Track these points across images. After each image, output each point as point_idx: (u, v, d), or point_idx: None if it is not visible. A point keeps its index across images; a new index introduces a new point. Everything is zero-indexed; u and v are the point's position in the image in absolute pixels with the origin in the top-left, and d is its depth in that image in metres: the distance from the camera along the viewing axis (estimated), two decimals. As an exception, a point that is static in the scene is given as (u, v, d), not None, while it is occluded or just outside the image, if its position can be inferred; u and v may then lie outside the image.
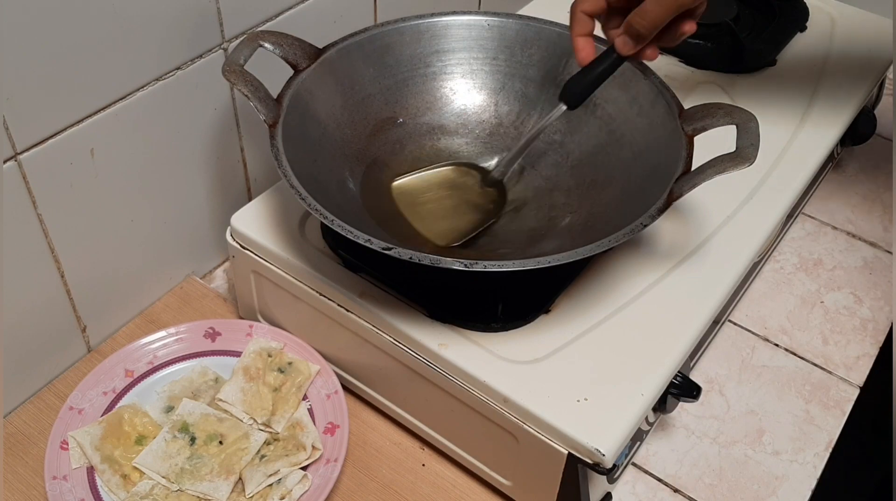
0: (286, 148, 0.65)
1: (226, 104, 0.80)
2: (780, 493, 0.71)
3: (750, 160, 0.62)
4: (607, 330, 0.66)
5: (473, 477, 0.71)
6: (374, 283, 0.68)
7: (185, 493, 0.66)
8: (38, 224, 0.68)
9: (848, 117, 0.88)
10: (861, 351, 0.82)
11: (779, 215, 0.78)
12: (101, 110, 0.68)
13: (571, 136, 0.78)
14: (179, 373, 0.74)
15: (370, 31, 0.76)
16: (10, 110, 0.61)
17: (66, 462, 0.67)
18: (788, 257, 0.91)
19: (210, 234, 0.86)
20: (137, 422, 0.70)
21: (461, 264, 0.58)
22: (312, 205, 0.61)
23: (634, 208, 0.64)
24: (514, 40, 0.79)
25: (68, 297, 0.74)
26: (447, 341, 0.64)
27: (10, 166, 0.63)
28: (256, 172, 0.88)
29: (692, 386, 0.67)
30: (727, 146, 0.64)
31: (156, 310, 0.82)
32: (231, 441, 0.68)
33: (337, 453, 0.68)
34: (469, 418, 0.65)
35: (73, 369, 0.77)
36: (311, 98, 0.72)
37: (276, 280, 0.72)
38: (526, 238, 0.71)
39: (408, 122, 0.78)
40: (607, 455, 0.59)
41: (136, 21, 0.67)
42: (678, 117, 0.69)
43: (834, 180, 1.00)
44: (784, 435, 0.75)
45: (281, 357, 0.74)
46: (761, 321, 0.84)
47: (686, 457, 0.73)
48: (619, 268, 0.71)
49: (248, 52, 0.69)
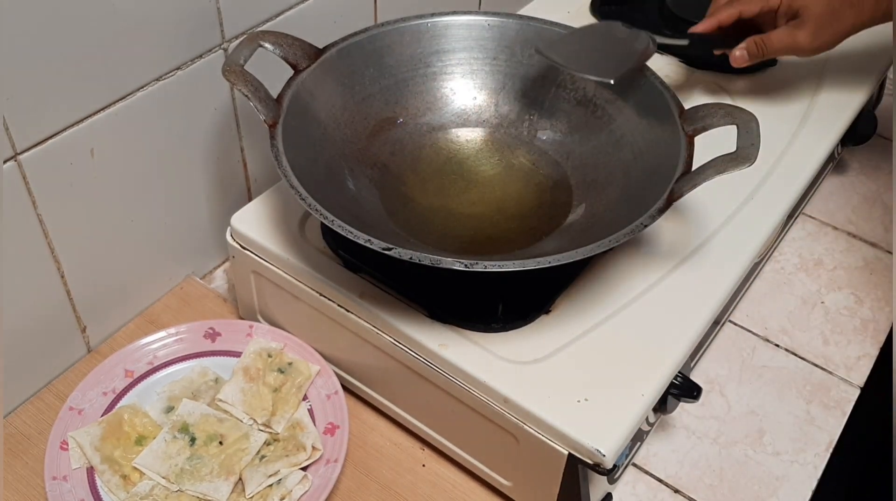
0: (286, 148, 0.65)
1: (226, 104, 0.80)
2: (780, 494, 0.71)
3: (750, 160, 0.62)
4: (607, 330, 0.66)
5: (473, 478, 0.71)
6: (375, 283, 0.68)
7: (185, 494, 0.66)
8: (38, 224, 0.68)
9: (848, 117, 0.88)
10: (861, 352, 0.82)
11: (779, 215, 0.78)
12: (101, 110, 0.68)
13: (572, 136, 0.78)
14: (179, 373, 0.74)
15: (370, 31, 0.76)
16: (10, 110, 0.61)
17: (65, 463, 0.67)
18: (789, 258, 0.91)
19: (210, 234, 0.86)
20: (137, 422, 0.70)
21: (461, 265, 0.58)
22: (312, 205, 0.61)
23: (635, 208, 0.64)
24: (514, 40, 0.79)
25: (68, 297, 0.74)
26: (447, 341, 0.64)
27: (10, 166, 0.63)
28: (256, 172, 0.88)
29: (692, 387, 0.67)
30: (727, 146, 0.64)
31: (156, 310, 0.82)
32: (231, 441, 0.68)
33: (337, 453, 0.68)
34: (469, 418, 0.65)
35: (73, 369, 0.77)
36: (311, 98, 0.72)
37: (276, 280, 0.72)
38: (526, 238, 0.71)
39: (408, 122, 0.78)
40: (608, 455, 0.59)
41: (135, 21, 0.67)
42: (678, 117, 0.69)
43: (834, 181, 1.00)
44: (784, 436, 0.75)
45: (281, 358, 0.74)
46: (762, 322, 0.84)
47: (686, 458, 0.73)
48: (620, 268, 0.71)
49: (248, 53, 0.69)
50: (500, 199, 0.75)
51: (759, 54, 0.81)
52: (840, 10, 0.79)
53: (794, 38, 0.80)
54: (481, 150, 0.79)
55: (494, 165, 0.77)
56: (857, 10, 0.80)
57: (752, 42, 0.81)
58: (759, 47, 0.81)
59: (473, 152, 0.79)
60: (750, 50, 0.81)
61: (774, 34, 0.81)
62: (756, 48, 0.81)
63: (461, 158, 0.78)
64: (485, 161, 0.78)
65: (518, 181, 0.76)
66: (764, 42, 0.81)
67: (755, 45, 0.81)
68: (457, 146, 0.79)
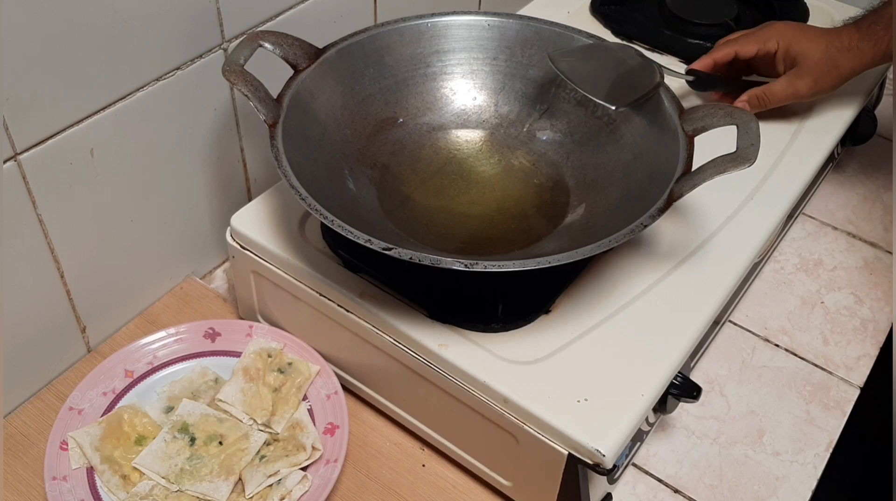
0: (286, 148, 0.65)
1: (226, 104, 0.80)
2: (780, 494, 0.71)
3: (750, 160, 0.62)
4: (607, 330, 0.66)
5: (473, 478, 0.71)
6: (375, 283, 0.68)
7: (184, 494, 0.66)
8: (38, 224, 0.68)
9: (848, 117, 0.88)
10: (861, 352, 0.82)
11: (779, 215, 0.78)
12: (101, 110, 0.68)
13: (571, 136, 0.78)
14: (179, 373, 0.74)
15: (370, 31, 0.76)
16: (10, 110, 0.61)
17: (65, 463, 0.67)
18: (789, 258, 0.91)
19: (210, 234, 0.86)
20: (137, 423, 0.70)
21: (461, 265, 0.58)
22: (312, 205, 0.61)
23: (635, 208, 0.64)
24: (514, 40, 0.79)
25: (68, 297, 0.74)
26: (447, 341, 0.64)
27: (10, 166, 0.63)
28: (256, 172, 0.88)
29: (692, 387, 0.67)
30: (727, 146, 0.64)
31: (156, 310, 0.82)
32: (231, 441, 0.68)
33: (337, 453, 0.68)
34: (469, 418, 0.65)
35: (73, 369, 0.77)
36: (311, 98, 0.72)
37: (276, 281, 0.72)
38: (526, 238, 0.71)
39: (408, 122, 0.78)
40: (607, 455, 0.59)
41: (135, 21, 0.67)
42: (678, 118, 0.69)
43: (834, 181, 0.99)
44: (784, 436, 0.75)
45: (281, 358, 0.74)
46: (762, 322, 0.84)
47: (686, 458, 0.73)
48: (620, 268, 0.71)
49: (248, 52, 0.69)
50: (500, 199, 0.75)
51: (760, 106, 0.84)
52: (838, 58, 0.80)
53: (795, 89, 0.83)
54: (481, 150, 0.79)
55: (494, 165, 0.77)
56: (856, 55, 0.80)
57: (753, 95, 0.84)
58: (760, 100, 0.84)
59: (473, 152, 0.79)
60: (752, 103, 0.84)
61: (776, 87, 0.83)
62: (758, 101, 0.84)
63: (461, 158, 0.78)
64: (484, 161, 0.78)
65: (518, 181, 0.76)
66: (766, 95, 0.83)
67: (757, 99, 0.84)
68: (457, 146, 0.79)
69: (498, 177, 0.77)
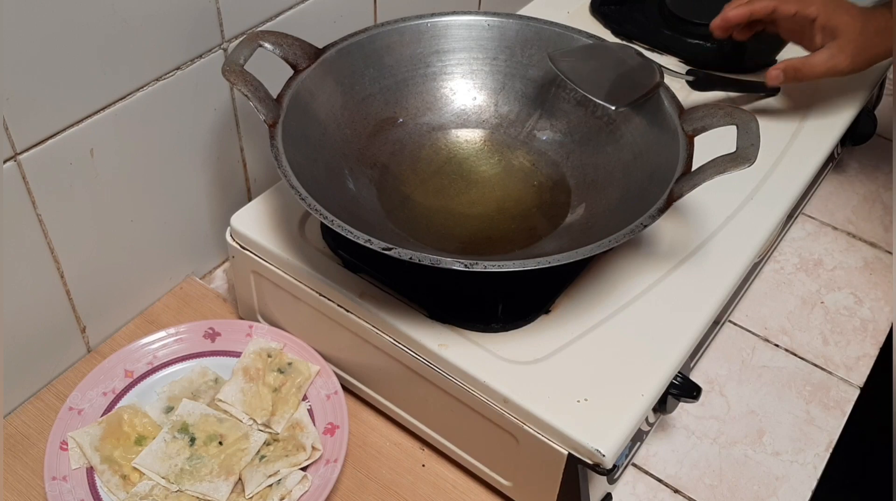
0: (286, 148, 0.65)
1: (226, 104, 0.80)
2: (780, 494, 0.71)
3: (750, 160, 0.62)
4: (607, 330, 0.66)
5: (473, 478, 0.71)
6: (374, 283, 0.68)
7: (184, 494, 0.66)
8: (38, 224, 0.68)
9: (848, 117, 0.88)
10: (861, 352, 0.82)
11: (779, 215, 0.78)
12: (101, 110, 0.68)
13: (571, 136, 0.78)
14: (179, 373, 0.74)
15: (370, 31, 0.76)
16: (10, 110, 0.61)
17: (65, 463, 0.67)
18: (789, 258, 0.91)
19: (210, 234, 0.86)
20: (137, 423, 0.70)
21: (461, 265, 0.58)
22: (312, 205, 0.61)
23: (635, 208, 0.64)
24: (514, 40, 0.79)
25: (68, 297, 0.74)
26: (447, 341, 0.64)
27: (10, 166, 0.63)
28: (256, 172, 0.88)
29: (692, 387, 0.67)
30: (727, 146, 0.64)
31: (155, 310, 0.82)
32: (231, 441, 0.68)
33: (337, 453, 0.68)
34: (469, 418, 0.65)
35: (73, 369, 0.77)
36: (311, 98, 0.72)
37: (276, 281, 0.72)
38: (526, 238, 0.71)
39: (408, 122, 0.78)
40: (607, 455, 0.59)
41: (135, 21, 0.67)
42: (678, 118, 0.69)
43: (834, 181, 0.99)
44: (784, 436, 0.75)
45: (281, 358, 0.74)
46: (762, 322, 0.84)
47: (686, 458, 0.73)
48: (620, 268, 0.71)
49: (248, 52, 0.69)
50: (500, 199, 0.75)
51: (794, 79, 0.80)
52: (875, 38, 0.78)
53: (835, 63, 0.78)
54: (481, 150, 0.79)
55: (494, 165, 0.77)
56: (883, 38, 0.78)
57: (790, 66, 0.79)
58: (797, 72, 0.79)
59: (473, 152, 0.79)
60: (787, 72, 0.79)
61: (815, 59, 0.78)
62: (794, 73, 0.79)
63: (461, 158, 0.78)
64: (484, 161, 0.78)
65: (518, 181, 0.76)
66: (804, 67, 0.78)
67: (794, 70, 0.79)
68: (456, 146, 0.79)
69: (498, 177, 0.77)
